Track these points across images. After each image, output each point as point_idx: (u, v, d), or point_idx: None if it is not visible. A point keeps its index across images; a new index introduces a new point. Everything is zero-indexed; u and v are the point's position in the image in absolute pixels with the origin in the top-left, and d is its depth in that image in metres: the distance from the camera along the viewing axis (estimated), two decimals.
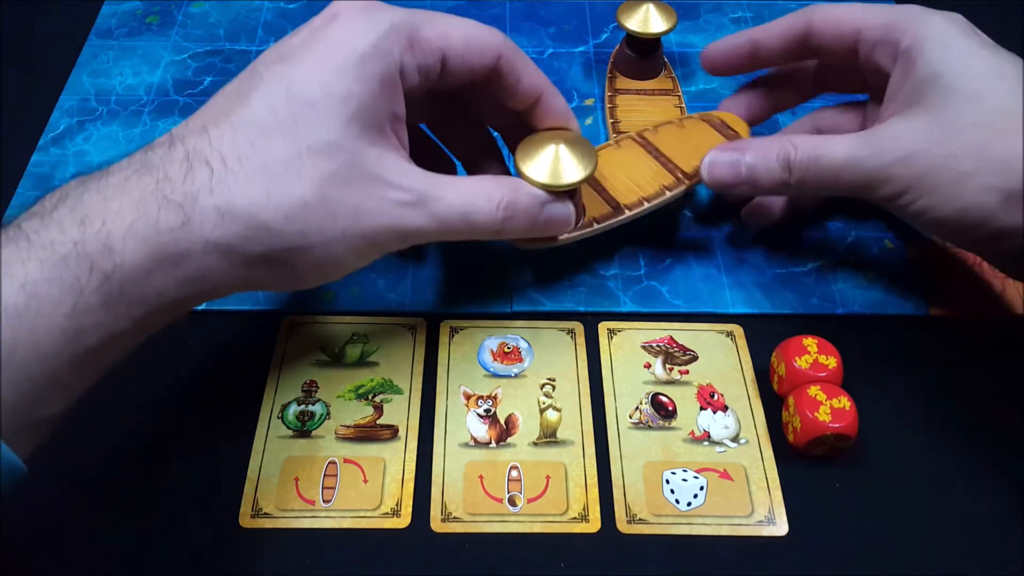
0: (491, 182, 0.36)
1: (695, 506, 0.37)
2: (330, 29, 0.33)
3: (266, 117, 0.31)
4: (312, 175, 0.31)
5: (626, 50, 0.53)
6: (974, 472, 0.38)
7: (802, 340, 0.39)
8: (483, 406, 0.39)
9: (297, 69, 0.32)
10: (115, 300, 0.29)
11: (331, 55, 0.32)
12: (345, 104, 0.32)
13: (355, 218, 0.32)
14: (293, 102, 0.31)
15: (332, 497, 0.36)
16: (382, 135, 0.33)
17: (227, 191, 0.30)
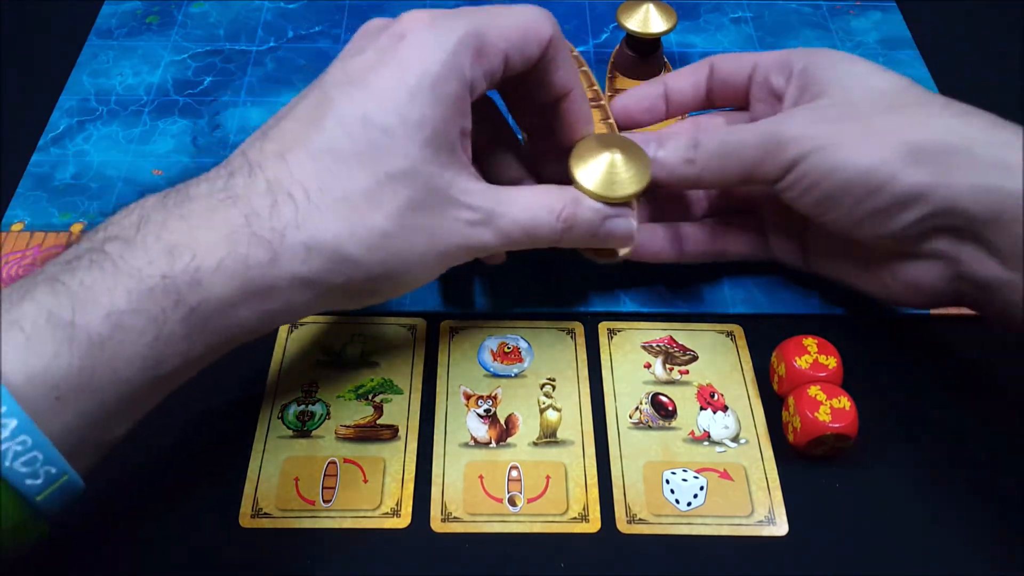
0: (554, 193, 0.36)
1: (695, 506, 0.37)
2: (400, 49, 0.32)
3: (343, 145, 0.31)
4: (392, 204, 0.31)
5: (626, 50, 0.53)
6: (974, 472, 0.38)
7: (802, 340, 0.39)
8: (483, 406, 0.39)
9: (371, 94, 0.31)
10: (198, 331, 0.29)
11: (404, 78, 0.31)
12: (420, 129, 0.31)
13: (431, 241, 0.32)
14: (369, 128, 0.31)
15: (332, 497, 0.36)
16: (453, 155, 0.33)
17: (313, 226, 0.30)
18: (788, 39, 0.57)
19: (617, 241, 0.37)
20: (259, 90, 0.53)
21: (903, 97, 0.36)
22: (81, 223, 0.46)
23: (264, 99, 0.53)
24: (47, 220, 0.46)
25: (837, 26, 0.59)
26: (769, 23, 0.59)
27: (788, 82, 0.39)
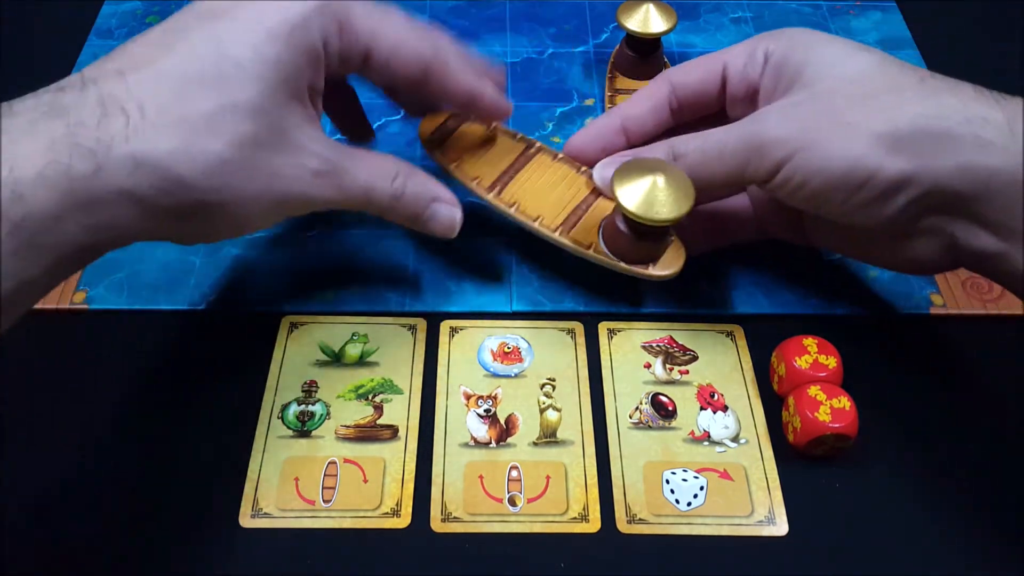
0: (391, 161, 0.37)
1: (695, 506, 0.37)
2: None
3: (191, 70, 0.31)
4: (234, 133, 0.31)
5: (626, 50, 0.53)
6: (974, 472, 0.38)
7: (802, 340, 0.39)
8: (483, 406, 0.39)
9: (229, 27, 0.32)
10: (25, 248, 0.28)
11: (263, 19, 0.32)
12: (274, 69, 0.32)
13: (271, 181, 0.33)
14: (222, 59, 0.31)
15: (332, 497, 0.36)
16: (303, 105, 0.34)
17: (143, 141, 0.29)
18: None
19: (437, 228, 0.39)
20: None
21: (877, 82, 0.35)
22: None
23: None
24: None
25: (837, 26, 0.59)
26: (769, 23, 0.59)
27: (762, 75, 0.39)
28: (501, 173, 0.42)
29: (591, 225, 0.41)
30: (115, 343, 0.41)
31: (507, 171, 0.42)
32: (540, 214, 0.41)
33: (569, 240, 0.40)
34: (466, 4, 0.59)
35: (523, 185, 0.42)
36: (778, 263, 0.45)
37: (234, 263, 0.44)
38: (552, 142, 0.51)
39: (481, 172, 0.42)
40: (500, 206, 0.41)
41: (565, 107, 0.53)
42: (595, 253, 0.40)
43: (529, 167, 0.43)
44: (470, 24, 0.58)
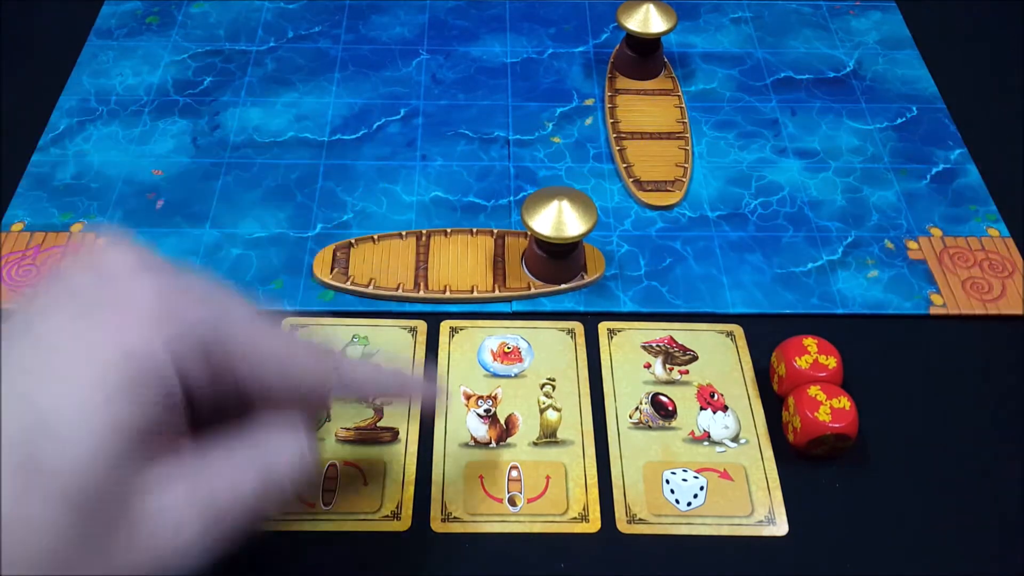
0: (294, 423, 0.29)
1: (695, 506, 0.37)
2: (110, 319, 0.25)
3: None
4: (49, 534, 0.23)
5: (626, 50, 0.53)
6: (974, 472, 0.38)
7: (802, 340, 0.39)
8: (483, 406, 0.39)
9: (47, 372, 0.24)
10: None
11: (96, 357, 0.24)
12: (103, 423, 0.24)
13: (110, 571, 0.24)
14: (31, 426, 0.23)
15: (332, 500, 0.36)
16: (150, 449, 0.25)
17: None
18: (788, 39, 0.58)
19: None
20: (259, 90, 0.53)
21: None
22: (81, 223, 0.46)
23: (264, 99, 0.53)
24: (47, 220, 0.46)
25: (837, 26, 0.59)
26: (769, 23, 0.59)
27: None
28: (415, 270, 0.44)
29: (516, 267, 0.44)
30: None
31: (418, 266, 0.44)
32: (471, 284, 0.43)
33: (508, 292, 0.43)
34: (466, 4, 0.59)
35: (439, 270, 0.44)
36: (778, 263, 0.45)
37: (234, 263, 0.44)
38: (552, 142, 0.51)
39: (398, 279, 0.43)
40: (434, 296, 0.43)
41: (565, 107, 0.53)
42: (534, 289, 0.43)
43: (433, 253, 0.44)
44: (470, 24, 0.58)
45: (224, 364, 0.27)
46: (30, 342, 0.25)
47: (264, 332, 0.28)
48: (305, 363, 0.29)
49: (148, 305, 0.25)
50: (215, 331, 0.26)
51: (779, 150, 0.51)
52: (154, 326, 0.25)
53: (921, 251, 0.46)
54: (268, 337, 0.28)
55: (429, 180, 0.49)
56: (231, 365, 0.27)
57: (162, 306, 0.26)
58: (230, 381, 0.27)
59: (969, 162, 0.50)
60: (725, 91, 0.54)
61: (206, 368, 0.26)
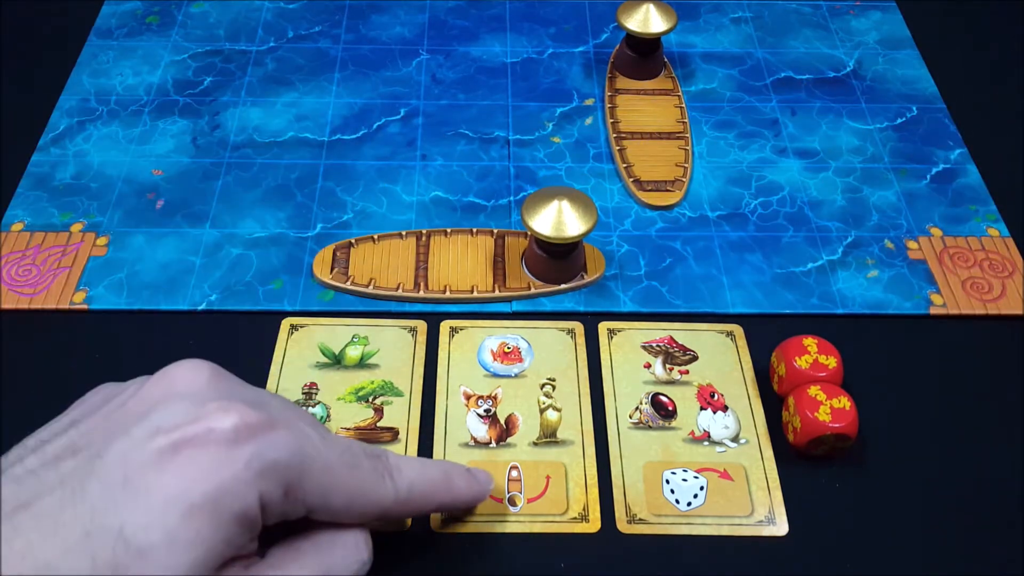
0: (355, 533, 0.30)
1: (695, 506, 0.37)
2: (197, 454, 0.26)
3: (82, 567, 0.24)
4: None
5: (626, 50, 0.53)
6: (974, 472, 0.38)
7: (802, 340, 0.39)
8: (483, 406, 0.39)
9: (140, 503, 0.25)
10: None
11: (186, 492, 0.25)
12: (189, 550, 0.25)
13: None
14: (121, 549, 0.24)
15: None
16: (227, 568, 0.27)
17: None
18: (788, 39, 0.58)
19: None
20: (259, 90, 0.53)
21: None
22: (81, 223, 0.46)
23: (264, 99, 0.53)
24: (47, 220, 0.46)
25: (837, 26, 0.59)
26: (769, 23, 0.59)
27: None
28: (415, 270, 0.44)
29: (516, 267, 0.44)
30: (115, 343, 0.41)
31: (418, 266, 0.44)
32: (471, 284, 0.43)
33: (508, 292, 0.43)
34: (466, 4, 0.59)
35: (439, 270, 0.44)
36: (778, 263, 0.45)
37: (234, 263, 0.44)
38: (552, 142, 0.51)
39: (398, 279, 0.43)
40: (434, 296, 0.43)
41: (565, 107, 0.53)
42: (534, 289, 0.43)
43: (433, 253, 0.44)
44: (470, 24, 0.58)
45: (299, 495, 0.28)
46: (119, 476, 0.26)
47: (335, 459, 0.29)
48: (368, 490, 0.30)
49: (235, 440, 0.26)
50: (296, 464, 0.27)
51: (779, 150, 0.51)
52: (241, 461, 0.26)
53: (921, 251, 0.46)
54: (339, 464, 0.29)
55: (429, 180, 0.49)
56: (304, 495, 0.28)
57: (248, 440, 0.27)
58: (301, 509, 0.28)
59: (969, 162, 0.50)
60: (725, 91, 0.54)
61: (284, 500, 0.27)
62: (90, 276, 0.43)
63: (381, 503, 0.30)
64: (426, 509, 0.33)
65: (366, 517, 0.30)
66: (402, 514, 0.32)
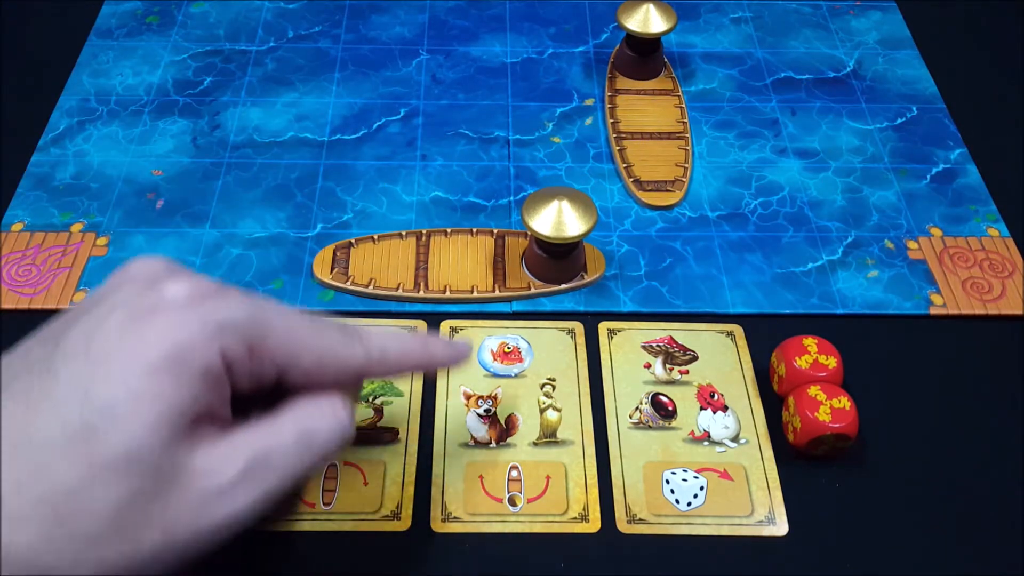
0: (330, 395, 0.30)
1: (695, 506, 0.37)
2: (152, 319, 0.27)
3: (55, 434, 0.25)
4: (105, 501, 0.25)
5: (626, 50, 0.53)
6: (974, 472, 0.38)
7: (802, 340, 0.39)
8: (483, 406, 0.39)
9: (98, 367, 0.26)
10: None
11: (143, 349, 0.26)
12: (154, 404, 0.26)
13: (167, 535, 0.26)
14: (88, 409, 0.26)
15: (332, 500, 0.36)
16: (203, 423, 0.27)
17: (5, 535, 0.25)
18: (788, 39, 0.58)
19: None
20: (259, 90, 0.53)
21: None
22: (81, 223, 0.46)
23: (264, 99, 0.53)
24: (47, 220, 0.46)
25: (837, 26, 0.59)
26: (769, 23, 0.59)
27: None
28: (415, 270, 0.44)
29: (516, 267, 0.44)
30: None
31: (418, 266, 0.44)
32: (471, 284, 0.43)
33: (508, 292, 0.43)
34: (466, 4, 0.59)
35: (439, 270, 0.44)
36: (778, 263, 0.45)
37: (234, 263, 0.44)
38: (552, 142, 0.51)
39: (398, 279, 0.43)
40: (434, 296, 0.43)
41: (565, 107, 0.53)
42: (534, 289, 0.43)
43: (433, 253, 0.44)
44: (470, 24, 0.58)
45: (264, 353, 0.28)
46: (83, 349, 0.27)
47: (298, 321, 0.30)
48: (338, 350, 0.30)
49: (188, 303, 0.28)
50: (254, 322, 0.28)
51: (779, 150, 0.51)
52: (197, 321, 0.27)
53: (921, 251, 0.46)
54: (303, 326, 0.30)
55: (429, 180, 0.49)
56: (271, 354, 0.29)
57: (201, 303, 0.28)
58: (270, 368, 0.29)
59: (969, 162, 0.50)
60: (725, 91, 0.54)
61: (248, 357, 0.28)
62: (90, 276, 0.43)
63: (352, 362, 0.30)
64: (404, 368, 0.33)
65: (343, 379, 0.30)
66: (381, 373, 0.33)
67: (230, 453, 0.28)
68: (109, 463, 0.25)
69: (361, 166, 0.49)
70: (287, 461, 0.29)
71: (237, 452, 0.28)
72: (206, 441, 0.27)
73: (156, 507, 0.26)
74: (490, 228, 0.46)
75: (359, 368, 0.31)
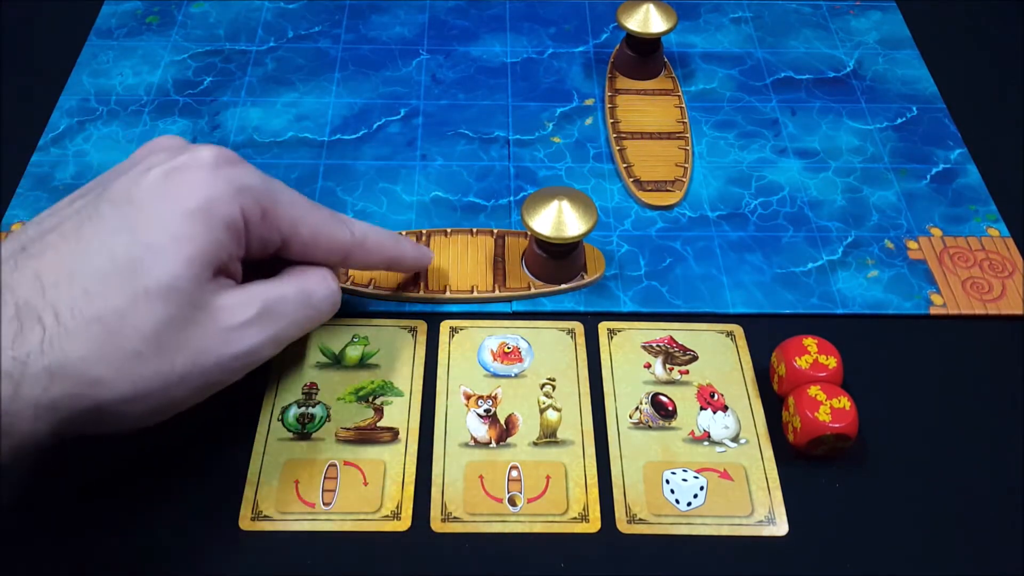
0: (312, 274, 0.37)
1: (695, 506, 0.37)
2: (186, 175, 0.32)
3: (103, 262, 0.30)
4: (148, 322, 0.30)
5: (626, 50, 0.53)
6: (974, 472, 0.38)
7: (802, 340, 0.39)
8: (483, 406, 0.39)
9: (144, 212, 0.31)
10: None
11: (180, 199, 0.31)
12: (189, 245, 0.31)
13: (195, 359, 0.31)
14: (134, 245, 0.30)
15: (332, 500, 0.36)
16: (224, 274, 0.33)
17: (59, 350, 0.29)
18: (788, 39, 0.58)
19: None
20: (259, 90, 0.53)
21: None
22: None
23: (264, 99, 0.53)
24: None
25: (837, 26, 0.59)
26: (769, 23, 0.59)
27: None
28: None
29: (516, 267, 0.44)
30: None
31: None
32: (471, 284, 0.43)
33: (508, 292, 0.43)
34: (466, 4, 0.59)
35: (439, 270, 0.44)
36: (778, 263, 0.45)
37: None
38: (552, 142, 0.51)
39: (398, 278, 0.43)
40: (434, 296, 0.43)
41: (565, 107, 0.53)
42: (534, 289, 0.43)
43: (434, 253, 0.44)
44: (470, 24, 0.58)
45: (272, 219, 0.34)
46: (126, 197, 0.32)
47: (301, 198, 0.36)
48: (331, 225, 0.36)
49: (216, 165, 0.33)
50: (267, 190, 0.34)
51: (779, 150, 0.51)
52: (223, 180, 0.32)
53: (921, 251, 0.46)
54: (305, 202, 0.36)
55: (429, 180, 0.49)
56: (277, 222, 0.34)
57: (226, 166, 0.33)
58: (275, 235, 0.35)
59: (969, 162, 0.50)
60: (725, 91, 0.54)
61: (260, 220, 0.34)
62: None
63: (340, 240, 0.36)
64: (378, 258, 0.39)
65: (331, 257, 0.37)
66: (360, 257, 0.38)
67: (246, 299, 0.33)
68: (152, 290, 0.30)
69: (361, 166, 0.49)
70: (292, 310, 0.35)
71: (252, 298, 0.33)
72: (227, 286, 0.33)
73: (188, 334, 0.31)
74: (490, 228, 0.46)
75: (345, 246, 0.37)
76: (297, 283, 0.35)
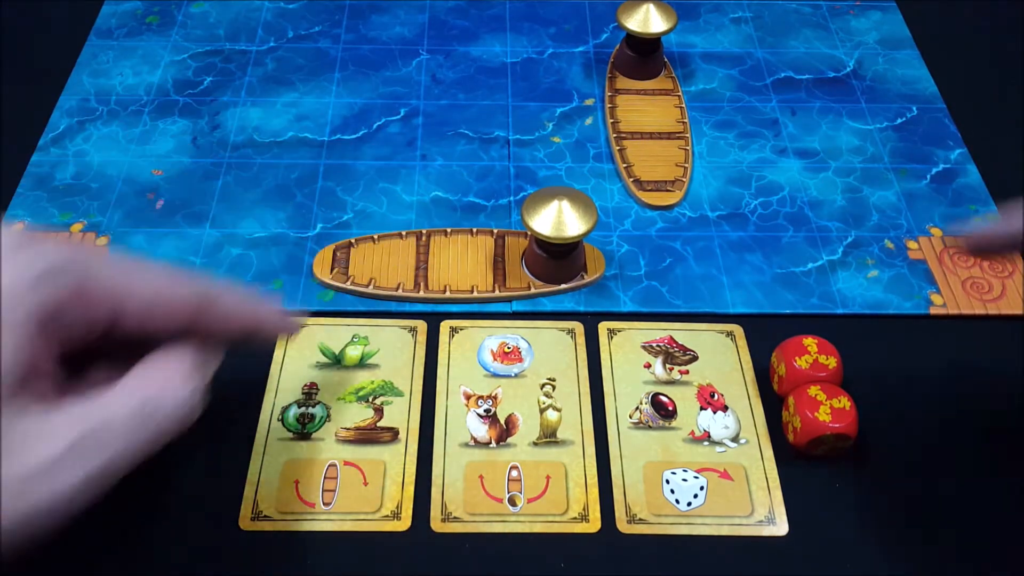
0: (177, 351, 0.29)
1: (695, 506, 0.37)
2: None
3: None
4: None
5: (626, 50, 0.53)
6: (974, 472, 0.38)
7: (802, 340, 0.39)
8: (483, 406, 0.39)
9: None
10: None
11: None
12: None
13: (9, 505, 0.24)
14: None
15: (332, 500, 0.36)
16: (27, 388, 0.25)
17: None
18: (788, 39, 0.58)
19: None
20: (259, 90, 0.53)
21: None
22: (81, 223, 0.46)
23: (264, 99, 0.53)
24: (47, 220, 0.46)
25: (837, 26, 0.59)
26: (769, 23, 0.59)
27: None
28: (415, 270, 0.44)
29: (516, 267, 0.44)
30: None
31: (418, 266, 0.44)
32: (471, 284, 0.43)
33: (508, 292, 0.43)
34: (466, 4, 0.59)
35: (439, 270, 0.44)
36: (778, 263, 0.45)
37: (234, 263, 0.44)
38: (552, 142, 0.51)
39: (398, 278, 0.43)
40: (432, 296, 0.43)
41: (565, 107, 0.53)
42: (534, 289, 0.43)
43: (433, 253, 0.44)
44: (470, 24, 0.58)
45: (91, 295, 0.27)
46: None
47: (127, 263, 0.29)
48: (165, 290, 0.29)
49: (9, 253, 0.26)
50: (78, 265, 0.27)
51: (779, 150, 0.51)
52: (20, 265, 0.26)
53: (921, 251, 0.46)
54: (132, 268, 0.29)
55: (429, 180, 0.49)
56: (98, 294, 0.27)
57: (27, 249, 0.26)
58: (102, 312, 0.28)
59: (969, 162, 0.50)
60: (725, 91, 0.54)
61: (77, 298, 0.27)
62: None
63: (180, 304, 0.29)
64: (235, 324, 0.31)
65: (171, 325, 0.29)
66: (215, 324, 0.30)
67: (59, 424, 0.25)
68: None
69: (361, 166, 0.49)
70: (123, 434, 0.26)
71: (67, 423, 0.25)
72: (34, 407, 0.25)
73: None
74: (490, 228, 0.46)
75: (189, 313, 0.29)
76: (133, 394, 0.27)
